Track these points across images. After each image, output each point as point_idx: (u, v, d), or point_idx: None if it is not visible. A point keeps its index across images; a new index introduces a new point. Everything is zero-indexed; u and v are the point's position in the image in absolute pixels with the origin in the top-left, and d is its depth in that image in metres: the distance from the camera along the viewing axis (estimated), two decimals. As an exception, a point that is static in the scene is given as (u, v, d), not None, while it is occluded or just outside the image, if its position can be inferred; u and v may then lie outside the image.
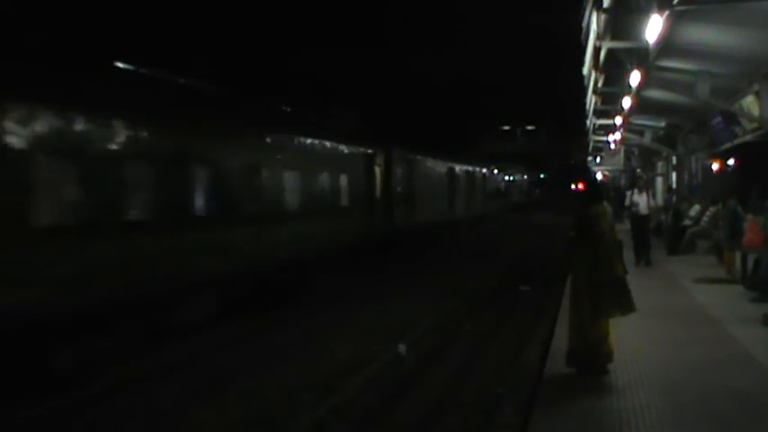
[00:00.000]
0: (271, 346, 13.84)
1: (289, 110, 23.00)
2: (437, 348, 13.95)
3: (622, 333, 10.19)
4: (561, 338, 10.30)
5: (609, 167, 56.30)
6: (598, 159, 60.40)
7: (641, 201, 21.07)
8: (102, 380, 11.05)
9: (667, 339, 11.11)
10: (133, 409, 10.22)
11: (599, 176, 53.63)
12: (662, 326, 12.02)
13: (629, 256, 16.13)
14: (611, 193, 41.49)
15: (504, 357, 13.39)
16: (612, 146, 45.98)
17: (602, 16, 20.37)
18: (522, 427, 8.49)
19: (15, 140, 10.29)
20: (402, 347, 13.36)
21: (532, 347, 13.64)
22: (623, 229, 21.19)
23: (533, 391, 9.49)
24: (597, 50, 22.52)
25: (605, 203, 10.03)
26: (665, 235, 24.02)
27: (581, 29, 26.68)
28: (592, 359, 9.30)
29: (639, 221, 20.83)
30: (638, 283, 14.32)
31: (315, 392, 10.77)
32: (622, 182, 56.07)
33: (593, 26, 22.06)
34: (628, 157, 50.17)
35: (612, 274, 9.26)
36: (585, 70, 31.25)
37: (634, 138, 34.88)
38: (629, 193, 21.92)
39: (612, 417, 7.76)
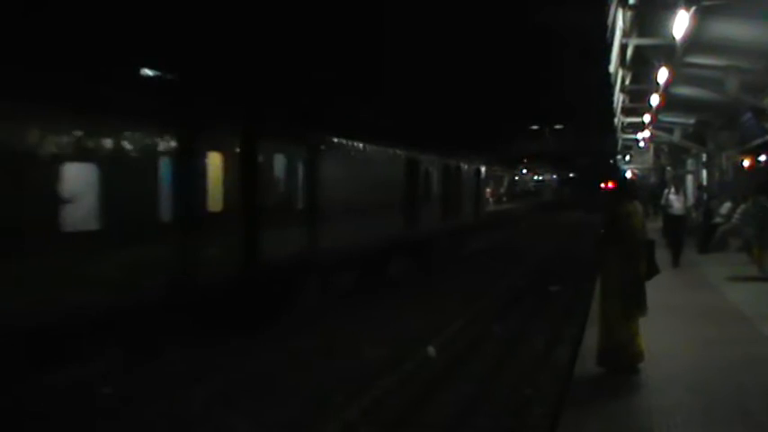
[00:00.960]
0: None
1: None
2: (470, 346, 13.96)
3: (653, 332, 10.12)
4: (592, 338, 10.24)
5: (638, 165, 56.00)
6: (627, 157, 60.11)
7: (677, 201, 20.76)
8: (125, 384, 10.85)
9: (698, 338, 11.00)
10: (158, 414, 10.11)
11: (628, 174, 53.28)
12: (693, 324, 11.92)
13: (661, 255, 15.89)
14: (641, 191, 41.23)
15: (536, 358, 13.37)
16: (642, 144, 45.70)
17: (628, 13, 20.23)
18: (552, 427, 8.45)
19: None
20: (431, 350, 13.34)
21: (563, 347, 13.64)
22: (654, 227, 21.02)
23: (563, 392, 9.46)
24: (624, 48, 22.35)
25: (636, 202, 9.95)
26: (697, 233, 23.81)
27: (606, 26, 26.49)
28: (622, 359, 9.24)
29: (674, 222, 20.53)
30: (669, 281, 14.32)
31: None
32: (652, 179, 55.69)
33: (619, 23, 21.89)
34: (657, 155, 49.85)
35: (636, 274, 9.21)
36: (612, 68, 31.03)
37: (663, 135, 34.62)
38: (665, 191, 21.68)
39: (642, 416, 7.70)
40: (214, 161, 13.28)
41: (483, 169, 34.32)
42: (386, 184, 21.38)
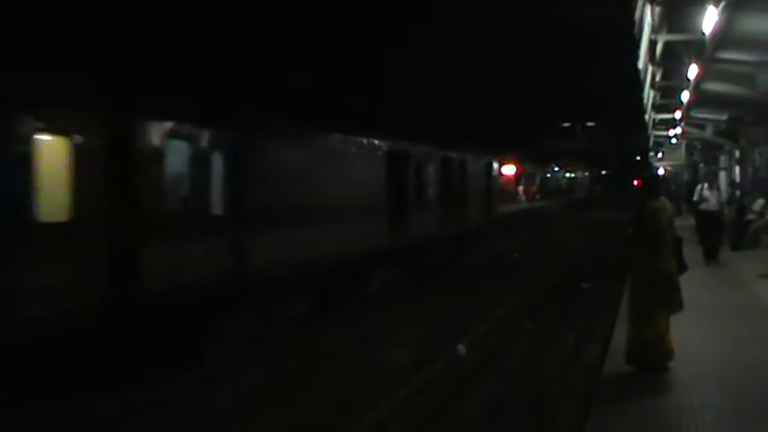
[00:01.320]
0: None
1: None
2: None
3: (683, 330, 10.07)
4: (621, 336, 10.22)
5: (670, 162, 55.62)
6: (660, 154, 59.71)
7: (712, 197, 20.43)
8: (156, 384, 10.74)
9: (729, 336, 10.93)
10: (187, 413, 10.18)
11: (660, 171, 52.92)
12: (724, 322, 11.83)
13: (690, 252, 15.68)
14: (672, 187, 40.90)
15: (565, 355, 13.36)
16: (673, 140, 45.41)
17: (657, 9, 20.12)
18: (581, 425, 8.44)
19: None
20: (462, 347, 13.36)
21: (593, 345, 13.60)
22: (685, 224, 20.82)
23: (592, 390, 9.44)
24: (653, 44, 22.23)
25: (663, 199, 9.92)
26: (729, 230, 23.58)
27: (634, 22, 26.32)
28: (652, 356, 9.21)
29: (708, 218, 20.17)
30: (700, 278, 14.26)
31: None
32: (685, 176, 55.27)
33: (648, 19, 21.76)
34: (690, 152, 49.48)
35: (665, 270, 9.17)
36: (641, 64, 30.85)
37: (695, 132, 34.37)
38: (698, 188, 21.42)
39: (671, 415, 7.68)
40: (53, 151, 9.34)
41: (495, 163, 30.18)
42: (360, 182, 17.61)
